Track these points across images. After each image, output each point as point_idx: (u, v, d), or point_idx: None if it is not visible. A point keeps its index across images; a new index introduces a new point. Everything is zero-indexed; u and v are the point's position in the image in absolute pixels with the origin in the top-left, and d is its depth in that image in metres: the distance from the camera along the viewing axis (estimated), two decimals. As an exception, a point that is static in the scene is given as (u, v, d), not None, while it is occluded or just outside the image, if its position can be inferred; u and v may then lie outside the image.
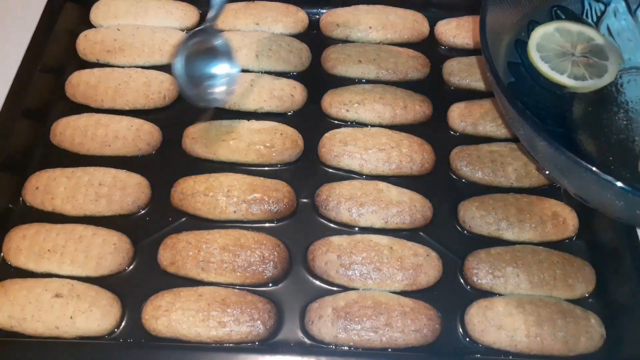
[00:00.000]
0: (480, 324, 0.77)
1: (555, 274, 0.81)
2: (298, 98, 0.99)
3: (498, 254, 0.83)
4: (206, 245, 0.82)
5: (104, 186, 0.87)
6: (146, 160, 0.93)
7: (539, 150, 0.72)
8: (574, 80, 0.82)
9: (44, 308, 0.76)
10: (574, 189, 0.74)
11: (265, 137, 0.92)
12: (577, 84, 0.83)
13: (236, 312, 0.76)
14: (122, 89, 0.97)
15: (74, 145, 0.92)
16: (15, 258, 0.81)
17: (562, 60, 0.84)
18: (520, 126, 0.71)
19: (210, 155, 0.92)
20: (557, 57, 0.84)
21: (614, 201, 0.66)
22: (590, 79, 0.83)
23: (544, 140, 0.65)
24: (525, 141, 0.76)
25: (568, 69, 0.83)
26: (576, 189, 0.74)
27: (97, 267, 0.81)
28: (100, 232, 0.83)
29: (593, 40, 0.86)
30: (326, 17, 1.10)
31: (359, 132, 0.94)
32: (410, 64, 1.03)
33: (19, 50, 0.98)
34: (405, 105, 0.97)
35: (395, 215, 0.86)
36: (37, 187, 0.87)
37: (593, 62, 0.84)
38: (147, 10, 1.08)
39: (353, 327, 0.76)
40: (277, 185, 0.88)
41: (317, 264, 0.82)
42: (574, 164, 0.63)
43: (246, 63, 1.03)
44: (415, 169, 0.92)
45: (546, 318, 0.77)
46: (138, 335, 0.77)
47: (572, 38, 0.86)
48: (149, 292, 0.80)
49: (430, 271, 0.82)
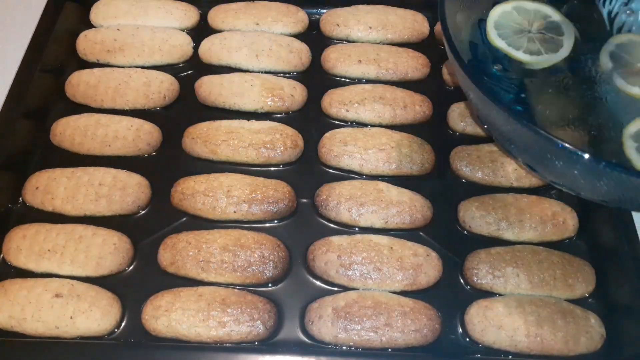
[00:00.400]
0: (480, 324, 0.77)
1: (555, 274, 0.81)
2: (298, 98, 0.99)
3: (498, 254, 0.83)
4: (206, 245, 0.82)
5: (104, 186, 0.87)
6: (146, 160, 0.93)
7: (496, 124, 0.73)
8: (529, 56, 0.83)
9: (44, 308, 0.76)
10: (524, 159, 0.76)
11: (265, 137, 0.92)
12: (532, 59, 0.84)
13: (236, 312, 0.76)
14: (122, 89, 0.97)
15: (74, 145, 0.92)
16: (15, 258, 0.81)
17: (519, 37, 0.85)
18: (476, 97, 0.72)
19: (210, 155, 0.92)
20: (515, 34, 0.85)
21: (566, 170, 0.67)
22: (545, 53, 0.84)
23: (492, 104, 0.66)
24: (480, 111, 0.77)
25: (524, 45, 0.84)
26: (525, 158, 0.76)
27: (97, 267, 0.81)
28: (100, 232, 0.83)
29: (549, 17, 0.87)
30: (326, 17, 1.10)
31: (359, 132, 0.94)
32: (410, 64, 1.03)
33: (19, 50, 0.98)
34: (405, 105, 0.97)
35: (395, 215, 0.86)
36: (37, 187, 0.87)
37: (548, 37, 0.85)
38: (147, 10, 1.08)
39: (353, 327, 0.76)
40: (277, 185, 0.88)
41: (317, 264, 0.82)
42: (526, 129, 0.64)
43: (246, 63, 1.03)
44: (415, 169, 0.92)
45: (546, 318, 0.77)
46: (138, 335, 0.77)
47: (529, 16, 0.87)
48: (149, 292, 0.80)
49: (430, 271, 0.82)
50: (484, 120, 0.79)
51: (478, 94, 0.68)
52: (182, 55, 1.05)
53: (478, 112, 0.80)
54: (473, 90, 0.70)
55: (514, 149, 0.76)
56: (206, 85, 0.99)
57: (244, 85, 0.98)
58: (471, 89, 0.71)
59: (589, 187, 0.69)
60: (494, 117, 0.70)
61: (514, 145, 0.74)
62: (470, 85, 0.69)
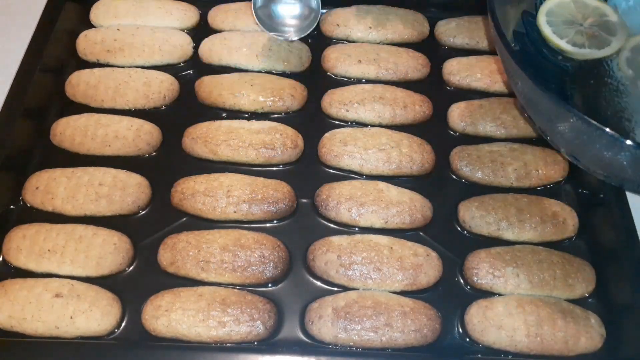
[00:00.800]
0: (480, 324, 0.77)
1: (555, 274, 0.81)
2: (298, 98, 0.99)
3: (498, 254, 0.83)
4: (206, 245, 0.82)
5: (104, 186, 0.87)
6: (146, 160, 0.93)
7: (535, 105, 0.73)
8: (571, 46, 0.84)
9: (44, 308, 0.76)
10: (569, 147, 0.76)
11: (265, 137, 0.92)
12: (574, 50, 0.84)
13: (236, 312, 0.76)
14: (122, 89, 0.97)
15: (74, 145, 0.92)
16: (15, 258, 0.81)
17: (568, 27, 0.85)
18: (519, 79, 0.72)
19: (210, 155, 0.92)
20: (564, 24, 0.85)
21: (604, 156, 0.68)
22: (588, 48, 0.84)
23: (538, 89, 0.67)
24: (524, 98, 0.78)
25: (570, 36, 0.84)
26: (570, 146, 0.76)
27: (97, 267, 0.81)
28: (100, 232, 0.83)
29: (606, 16, 0.86)
30: (326, 17, 1.10)
31: (359, 132, 0.94)
32: (410, 64, 1.03)
33: (19, 50, 0.98)
34: (405, 105, 0.97)
35: (395, 215, 0.86)
36: (37, 187, 0.87)
37: (598, 34, 0.84)
38: (147, 10, 1.08)
39: (353, 327, 0.76)
40: (277, 185, 0.88)
41: (317, 264, 0.82)
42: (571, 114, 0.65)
43: (246, 63, 1.03)
44: (415, 169, 0.92)
45: (546, 318, 0.77)
46: (138, 335, 0.77)
47: (585, 10, 0.87)
48: (149, 292, 0.80)
49: (430, 271, 0.82)
50: (531, 110, 0.78)
51: (530, 86, 0.69)
52: (182, 55, 1.05)
53: (526, 103, 0.79)
54: (525, 81, 0.70)
55: (560, 140, 0.76)
56: (206, 85, 0.99)
57: (244, 85, 0.98)
58: (523, 79, 0.71)
59: (635, 176, 0.69)
60: (544, 107, 0.70)
61: (560, 136, 0.74)
62: (523, 76, 0.69)
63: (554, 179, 0.92)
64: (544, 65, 0.86)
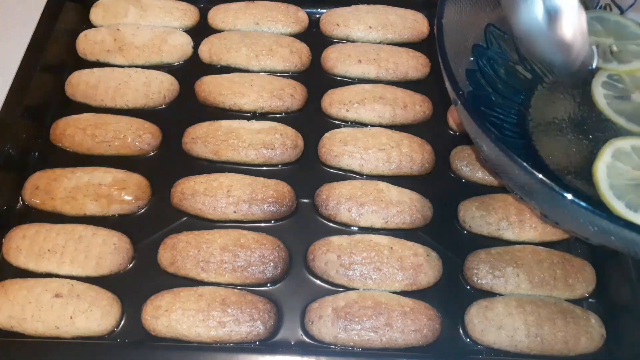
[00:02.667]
0: (480, 324, 0.77)
1: (555, 274, 0.81)
2: (298, 98, 0.99)
3: (498, 254, 0.83)
4: (206, 245, 0.82)
5: (104, 186, 0.86)
6: (146, 160, 0.93)
7: (494, 159, 0.69)
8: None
9: (44, 308, 0.76)
10: (538, 206, 0.73)
11: (265, 137, 0.92)
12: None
13: (236, 312, 0.76)
14: (122, 88, 0.97)
15: (74, 145, 0.92)
16: (15, 258, 0.81)
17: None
18: (481, 141, 0.67)
19: (210, 155, 0.92)
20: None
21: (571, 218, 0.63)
22: None
23: (495, 145, 0.62)
24: (486, 157, 0.74)
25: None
26: (539, 206, 0.73)
27: (97, 267, 0.81)
28: (100, 232, 0.83)
29: None
30: (326, 17, 1.10)
31: (359, 132, 0.94)
32: (410, 64, 1.03)
33: (19, 50, 0.98)
34: (405, 105, 0.97)
35: (395, 215, 0.86)
36: (37, 187, 0.87)
37: None
38: (147, 10, 1.08)
39: (353, 327, 0.76)
40: (277, 185, 0.88)
41: (317, 264, 0.82)
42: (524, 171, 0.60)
43: (246, 63, 1.03)
44: (415, 169, 0.92)
45: (546, 318, 0.77)
46: (138, 335, 0.77)
47: None
48: (149, 292, 0.80)
49: (430, 271, 0.82)
50: (499, 170, 0.75)
51: (493, 149, 0.64)
52: (182, 55, 1.05)
53: (488, 159, 0.76)
54: (488, 144, 0.65)
55: (534, 202, 0.73)
56: (206, 85, 0.99)
57: (244, 85, 0.98)
58: (486, 143, 0.65)
59: (623, 245, 0.63)
60: (513, 173, 0.66)
61: (535, 201, 0.71)
62: (485, 139, 0.64)
63: (554, 179, 0.92)
64: (499, 105, 0.81)
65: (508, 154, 0.61)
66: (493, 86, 0.82)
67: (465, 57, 0.83)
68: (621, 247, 0.66)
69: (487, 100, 0.82)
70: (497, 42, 0.86)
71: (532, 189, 0.66)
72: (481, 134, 0.64)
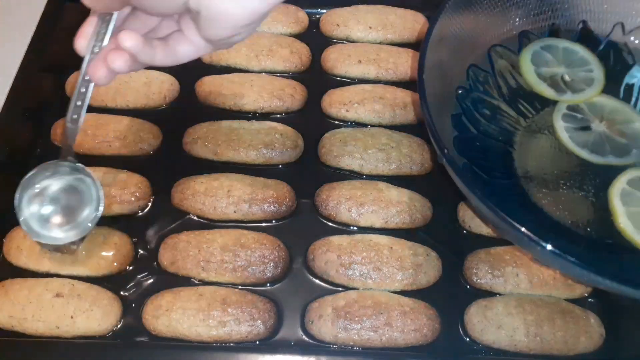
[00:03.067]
0: (480, 324, 0.78)
1: (554, 274, 0.81)
2: (298, 98, 0.99)
3: (498, 254, 0.83)
4: (206, 245, 0.82)
5: (104, 186, 0.86)
6: (146, 160, 0.93)
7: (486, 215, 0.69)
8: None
9: (44, 308, 0.76)
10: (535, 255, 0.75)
11: (265, 137, 0.92)
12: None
13: (236, 311, 0.76)
14: (122, 89, 0.97)
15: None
16: (15, 258, 0.81)
17: None
18: (468, 196, 0.69)
19: (210, 155, 0.92)
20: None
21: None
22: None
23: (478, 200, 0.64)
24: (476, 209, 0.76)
25: None
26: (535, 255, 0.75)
27: (97, 267, 0.81)
28: (100, 232, 0.83)
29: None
30: (326, 17, 1.10)
31: (359, 132, 0.94)
32: (410, 64, 1.03)
33: (19, 50, 0.98)
34: (405, 105, 0.98)
35: (395, 215, 0.86)
36: (37, 187, 0.87)
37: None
38: (147, 10, 1.08)
39: (353, 326, 0.76)
40: (277, 185, 0.88)
41: (317, 264, 0.82)
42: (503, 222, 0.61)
43: (246, 63, 1.03)
44: (415, 169, 0.92)
45: (546, 318, 0.77)
46: (138, 335, 0.77)
47: None
48: (150, 291, 0.80)
49: (430, 271, 0.82)
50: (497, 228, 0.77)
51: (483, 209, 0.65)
52: (182, 55, 1.05)
53: (482, 215, 0.78)
54: (477, 203, 0.67)
55: (532, 255, 0.74)
56: (206, 85, 0.99)
57: (244, 85, 0.98)
58: (474, 201, 0.67)
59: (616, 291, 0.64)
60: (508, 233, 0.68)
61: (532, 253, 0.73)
62: (473, 198, 0.66)
63: (553, 179, 0.92)
64: (486, 146, 0.83)
65: (494, 210, 0.62)
66: (477, 128, 0.84)
67: (450, 103, 0.84)
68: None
69: (474, 143, 0.83)
70: (479, 82, 0.87)
71: (521, 242, 0.68)
72: (467, 192, 0.67)
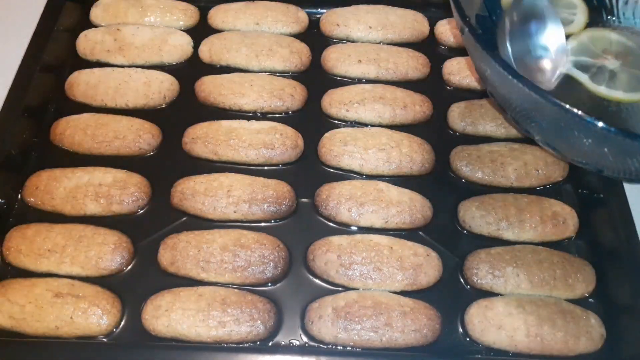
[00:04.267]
0: (480, 324, 0.77)
1: (555, 274, 0.81)
2: (298, 98, 0.99)
3: (498, 254, 0.83)
4: (206, 245, 0.82)
5: (104, 186, 0.87)
6: (146, 160, 0.93)
7: (504, 90, 0.71)
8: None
9: (44, 308, 0.76)
10: (541, 134, 0.75)
11: (265, 137, 0.92)
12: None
13: (236, 312, 0.76)
14: (122, 89, 0.97)
15: (74, 145, 0.92)
16: (15, 258, 0.81)
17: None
18: (487, 66, 0.70)
19: (210, 155, 0.92)
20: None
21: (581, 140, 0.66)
22: None
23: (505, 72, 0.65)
24: (493, 87, 0.77)
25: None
26: (543, 133, 0.75)
27: (96, 267, 0.81)
28: (100, 232, 0.83)
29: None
30: (326, 17, 1.10)
31: (359, 132, 0.94)
32: (410, 64, 1.03)
33: (19, 50, 0.98)
34: (405, 105, 0.97)
35: (395, 215, 0.86)
36: (37, 187, 0.87)
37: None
38: (147, 10, 1.08)
39: (353, 327, 0.76)
40: (277, 185, 0.88)
41: (317, 264, 0.82)
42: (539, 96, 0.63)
43: (246, 63, 1.03)
44: (415, 169, 0.92)
45: (546, 318, 0.77)
46: (138, 335, 0.77)
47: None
48: (149, 292, 0.80)
49: (430, 271, 0.82)
50: (503, 99, 0.77)
51: (498, 71, 0.66)
52: (182, 55, 1.05)
53: (492, 88, 0.78)
54: (492, 67, 0.68)
55: (535, 128, 0.74)
56: (206, 85, 0.99)
57: (244, 85, 0.98)
58: (489, 65, 0.68)
59: (618, 164, 0.68)
60: (516, 95, 0.69)
61: (536, 124, 0.73)
62: (490, 61, 0.67)
63: (554, 178, 0.92)
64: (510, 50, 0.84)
65: (511, 72, 0.63)
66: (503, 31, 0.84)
67: (475, 3, 0.86)
68: (614, 164, 0.69)
69: (497, 44, 0.84)
70: None
71: (536, 109, 0.68)
72: (486, 57, 0.66)
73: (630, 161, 0.65)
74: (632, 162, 0.65)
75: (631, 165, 0.66)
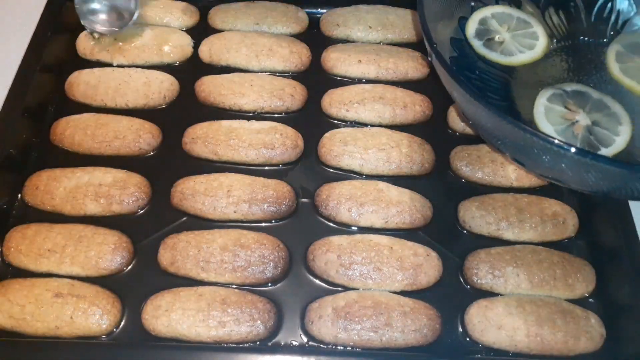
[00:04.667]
0: (480, 324, 0.77)
1: (555, 274, 0.81)
2: (298, 98, 0.99)
3: (498, 254, 0.83)
4: (206, 245, 0.82)
5: (104, 186, 0.87)
6: (146, 160, 0.93)
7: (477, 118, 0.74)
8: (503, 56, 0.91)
9: (43, 308, 0.76)
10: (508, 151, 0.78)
11: (265, 137, 0.92)
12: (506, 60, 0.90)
13: (236, 312, 0.76)
14: (122, 89, 0.97)
15: (74, 145, 0.92)
16: (15, 258, 0.81)
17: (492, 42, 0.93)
18: (459, 94, 0.73)
19: (210, 155, 0.92)
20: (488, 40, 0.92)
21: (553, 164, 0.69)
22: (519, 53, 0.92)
23: (477, 102, 0.67)
24: (466, 112, 0.80)
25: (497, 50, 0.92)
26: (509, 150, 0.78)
27: (96, 267, 0.81)
28: (100, 232, 0.83)
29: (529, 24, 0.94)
30: (326, 17, 1.10)
31: (359, 132, 0.94)
32: (410, 64, 1.03)
33: (19, 50, 0.98)
34: (405, 105, 0.97)
35: (395, 215, 0.86)
36: (37, 187, 0.87)
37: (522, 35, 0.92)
38: (147, 10, 1.08)
39: (353, 327, 0.76)
40: (277, 185, 0.88)
41: (317, 264, 0.82)
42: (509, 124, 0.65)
43: (246, 63, 1.03)
44: (415, 169, 0.92)
45: (546, 318, 0.77)
46: (138, 335, 0.77)
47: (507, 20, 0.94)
48: (149, 292, 0.80)
49: (430, 271, 0.82)
50: (471, 118, 0.80)
51: (461, 93, 0.69)
52: (182, 55, 1.05)
53: (462, 109, 0.81)
54: (457, 90, 0.70)
55: (502, 145, 0.76)
56: (206, 85, 0.99)
57: (244, 85, 0.98)
58: (455, 88, 0.71)
59: (577, 179, 0.70)
60: (479, 115, 0.71)
61: (501, 142, 0.75)
62: (454, 84, 0.69)
63: (554, 179, 0.92)
64: (483, 71, 0.88)
65: (477, 97, 0.66)
66: (478, 55, 0.90)
67: (450, 25, 0.90)
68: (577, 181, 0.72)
69: (471, 65, 0.88)
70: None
71: (504, 135, 0.71)
72: (454, 85, 0.69)
73: (587, 176, 0.66)
74: (589, 177, 0.66)
75: (588, 180, 0.67)
